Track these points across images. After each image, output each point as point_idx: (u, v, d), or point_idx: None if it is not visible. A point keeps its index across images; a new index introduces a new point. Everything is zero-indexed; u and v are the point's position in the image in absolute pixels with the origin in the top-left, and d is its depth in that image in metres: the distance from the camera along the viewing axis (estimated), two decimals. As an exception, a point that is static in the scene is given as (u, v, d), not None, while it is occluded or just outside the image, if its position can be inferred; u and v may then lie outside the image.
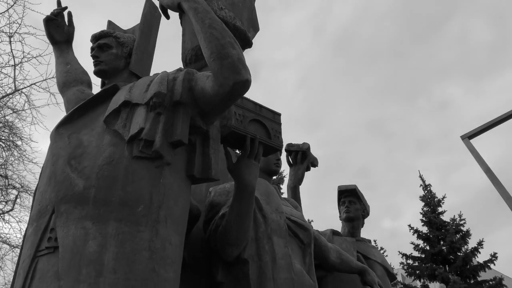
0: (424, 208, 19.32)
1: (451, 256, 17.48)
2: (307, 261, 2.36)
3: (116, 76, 1.99)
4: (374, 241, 21.91)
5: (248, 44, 3.49)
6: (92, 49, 2.03)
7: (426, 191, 19.77)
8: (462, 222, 18.19)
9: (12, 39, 9.17)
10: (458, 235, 17.85)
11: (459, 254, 17.33)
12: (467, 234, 17.89)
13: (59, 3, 2.45)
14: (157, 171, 1.55)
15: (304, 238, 2.39)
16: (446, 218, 18.84)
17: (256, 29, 3.90)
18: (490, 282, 16.40)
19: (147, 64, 2.07)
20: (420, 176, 20.26)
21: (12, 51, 9.34)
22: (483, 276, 16.92)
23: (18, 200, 9.94)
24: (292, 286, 2.05)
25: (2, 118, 9.93)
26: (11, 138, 9.93)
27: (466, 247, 17.59)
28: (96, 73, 1.99)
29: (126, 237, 1.38)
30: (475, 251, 17.39)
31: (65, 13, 2.52)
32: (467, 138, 3.73)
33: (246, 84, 1.58)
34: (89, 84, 2.31)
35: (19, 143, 9.92)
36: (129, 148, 1.55)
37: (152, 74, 1.91)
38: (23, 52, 10.12)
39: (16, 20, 9.98)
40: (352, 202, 3.84)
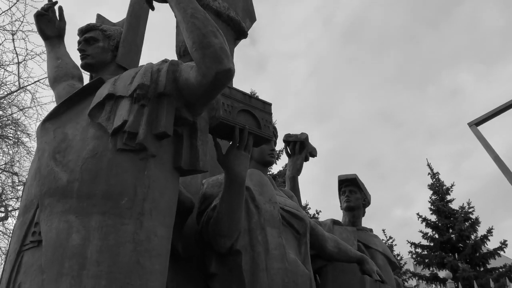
0: (433, 197, 19.23)
1: (460, 244, 17.43)
2: (303, 250, 2.35)
3: (103, 69, 1.98)
4: (383, 230, 21.87)
5: (243, 34, 3.47)
6: (79, 42, 2.02)
7: (434, 180, 19.65)
8: (471, 210, 18.08)
9: (15, 37, 9.23)
10: (467, 223, 17.76)
11: (468, 242, 17.27)
12: (476, 222, 17.80)
13: None
14: (141, 163, 1.54)
15: (299, 228, 2.38)
16: (455, 206, 18.76)
17: (252, 19, 3.87)
18: (500, 270, 16.33)
19: (135, 57, 2.06)
20: (428, 165, 20.15)
21: (15, 49, 9.40)
22: (493, 263, 16.85)
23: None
24: (286, 276, 2.04)
25: (9, 116, 10.04)
26: (18, 136, 10.05)
27: (475, 235, 17.50)
28: (83, 66, 1.98)
29: (110, 229, 1.38)
30: (484, 238, 17.32)
31: (56, 8, 2.52)
32: (475, 125, 3.68)
33: (228, 73, 1.56)
34: (80, 78, 2.31)
35: (25, 140, 10.04)
36: (113, 141, 1.54)
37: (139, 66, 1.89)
38: (27, 49, 10.23)
39: (19, 18, 10.05)
40: (352, 191, 3.81)
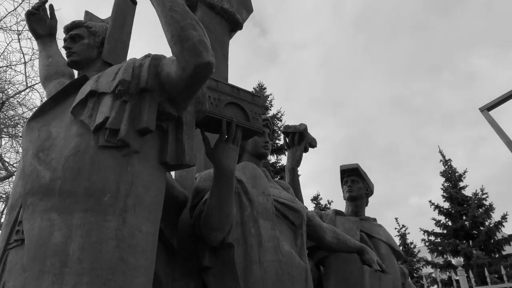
0: (445, 184, 19.01)
1: (474, 231, 17.23)
2: (299, 242, 2.34)
3: (89, 66, 1.97)
4: (396, 219, 21.76)
5: (238, 26, 3.44)
6: (65, 40, 2.02)
7: (446, 166, 19.41)
8: (484, 196, 17.82)
9: (20, 37, 9.33)
10: (480, 210, 17.53)
11: (482, 228, 17.06)
12: (490, 208, 17.56)
13: None
14: (124, 159, 1.54)
15: (295, 219, 2.36)
16: (468, 193, 18.52)
17: (249, 10, 3.82)
18: (515, 256, 16.12)
19: (121, 53, 2.04)
20: (440, 151, 19.90)
21: (21, 49, 9.50)
22: (508, 250, 16.64)
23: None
24: (279, 268, 2.04)
25: (20, 116, 10.17)
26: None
27: (489, 221, 17.28)
28: (69, 64, 1.98)
29: (92, 227, 1.38)
30: (499, 225, 17.09)
31: (46, 6, 2.52)
32: (486, 110, 3.62)
33: (208, 66, 1.54)
34: (71, 76, 2.31)
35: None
36: (95, 138, 1.54)
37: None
38: (33, 49, 10.29)
39: (24, 18, 10.11)
40: (354, 181, 3.78)
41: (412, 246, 19.73)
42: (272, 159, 17.34)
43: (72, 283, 1.28)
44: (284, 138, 3.60)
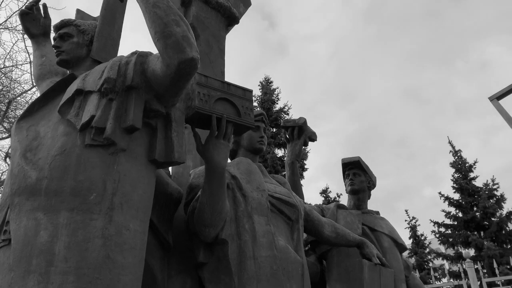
0: (455, 175, 18.80)
1: (485, 222, 17.03)
2: (295, 237, 2.33)
3: (79, 65, 1.97)
4: (406, 211, 21.58)
5: (235, 20, 3.41)
6: (54, 39, 2.02)
7: (456, 157, 19.19)
8: (495, 187, 17.59)
9: (25, 37, 9.39)
10: (491, 200, 17.32)
11: (493, 219, 16.85)
12: (501, 199, 17.33)
13: None
14: (111, 158, 1.53)
15: (291, 214, 2.35)
16: (479, 183, 18.29)
17: (247, 4, 3.79)
18: (528, 246, 15.92)
19: (112, 50, 2.04)
20: (450, 142, 19.66)
21: (26, 48, 9.58)
22: (520, 240, 16.43)
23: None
24: (274, 263, 2.03)
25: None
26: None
27: (500, 212, 17.06)
28: (59, 63, 1.98)
29: (78, 225, 1.38)
30: (510, 215, 16.86)
31: (40, 5, 2.52)
32: (496, 99, 3.58)
33: (192, 62, 1.53)
34: (64, 75, 2.32)
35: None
36: (81, 137, 1.54)
37: None
38: (38, 48, 10.34)
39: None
40: (356, 174, 3.74)
41: (422, 238, 19.59)
42: (280, 153, 17.32)
43: (58, 282, 1.29)
44: (283, 132, 3.58)
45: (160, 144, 1.70)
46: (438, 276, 16.70)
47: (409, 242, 20.13)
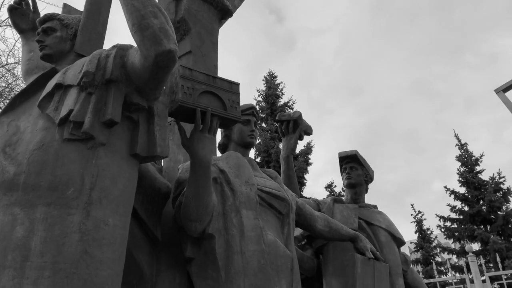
0: (461, 168, 18.63)
1: (491, 216, 16.88)
2: (285, 231, 2.30)
3: (62, 59, 1.95)
4: (411, 205, 21.48)
5: (228, 13, 3.37)
6: (38, 34, 2.00)
7: (462, 151, 19.01)
8: (502, 180, 17.40)
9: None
10: (498, 194, 17.15)
11: (499, 213, 16.70)
12: (508, 192, 17.15)
13: None
14: (89, 152, 1.52)
15: (281, 208, 2.33)
16: (485, 177, 18.11)
17: (242, -4, 3.75)
18: (535, 240, 15.77)
19: (97, 44, 2.02)
20: (456, 135, 19.47)
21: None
22: (527, 234, 16.27)
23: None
24: (262, 257, 2.01)
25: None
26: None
27: (507, 205, 16.90)
28: (42, 57, 1.97)
29: (55, 220, 1.37)
30: (517, 209, 16.69)
31: (29, 0, 2.51)
32: (502, 91, 3.54)
33: (169, 55, 1.50)
34: None
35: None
36: (59, 131, 1.53)
37: None
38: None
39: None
40: (353, 168, 3.70)
41: (428, 232, 19.48)
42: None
43: (34, 277, 1.28)
44: (278, 126, 3.55)
45: (142, 138, 1.68)
46: (444, 270, 16.63)
47: (415, 237, 20.05)
